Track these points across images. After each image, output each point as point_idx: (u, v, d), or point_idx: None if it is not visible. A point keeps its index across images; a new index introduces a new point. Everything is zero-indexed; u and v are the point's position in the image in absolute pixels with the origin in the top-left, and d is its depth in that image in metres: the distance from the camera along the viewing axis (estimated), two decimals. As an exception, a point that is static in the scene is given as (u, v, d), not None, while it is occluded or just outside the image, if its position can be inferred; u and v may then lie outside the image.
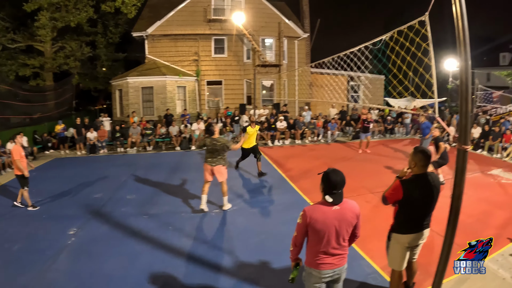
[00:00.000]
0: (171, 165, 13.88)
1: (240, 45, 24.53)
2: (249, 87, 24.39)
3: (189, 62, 24.14)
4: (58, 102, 22.88)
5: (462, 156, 4.02)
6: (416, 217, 4.43)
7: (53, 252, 6.62)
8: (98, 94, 35.48)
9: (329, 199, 3.58)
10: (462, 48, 3.79)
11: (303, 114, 21.20)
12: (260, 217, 8.44)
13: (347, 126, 21.62)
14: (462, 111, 3.95)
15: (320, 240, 3.65)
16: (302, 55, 27.02)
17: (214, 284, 5.55)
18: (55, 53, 25.43)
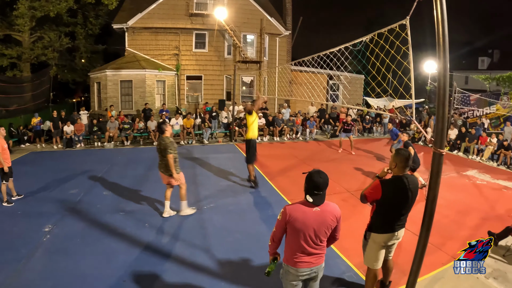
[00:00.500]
0: (149, 160, 13.76)
1: (221, 41, 24.48)
2: (229, 83, 24.32)
3: (169, 56, 23.98)
4: (34, 94, 22.45)
5: (437, 160, 4.11)
6: (392, 217, 4.52)
7: (27, 250, 6.51)
8: (76, 87, 34.99)
9: (309, 199, 3.63)
10: (441, 53, 3.88)
11: (282, 111, 21.28)
12: (237, 216, 8.43)
13: (325, 124, 21.73)
14: (439, 115, 4.03)
15: (298, 239, 3.71)
16: (283, 53, 27.09)
17: (191, 282, 5.58)
18: (33, 43, 24.95)
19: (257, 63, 24.72)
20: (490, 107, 20.05)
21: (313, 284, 4.10)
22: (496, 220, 8.30)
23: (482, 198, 10.02)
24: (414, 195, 4.47)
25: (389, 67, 6.52)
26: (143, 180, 11.04)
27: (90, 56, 30.18)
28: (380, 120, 22.35)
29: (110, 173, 11.83)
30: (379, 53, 6.84)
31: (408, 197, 4.41)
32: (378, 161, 13.69)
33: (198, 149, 16.20)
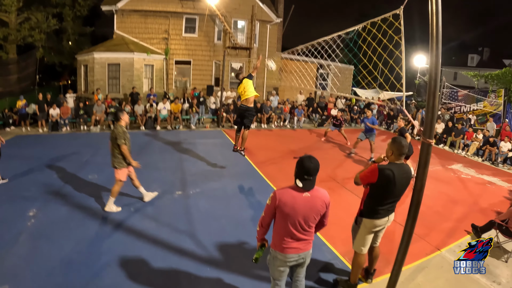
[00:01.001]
0: (135, 145, 13.46)
1: (212, 26, 24.23)
2: (218, 69, 24.21)
3: (158, 40, 23.67)
4: (20, 77, 22.13)
5: (426, 150, 4.13)
6: (385, 202, 4.58)
7: (11, 236, 6.44)
8: (63, 70, 34.50)
9: (299, 183, 3.65)
10: (434, 44, 3.86)
11: (271, 98, 21.25)
12: (222, 201, 8.47)
13: (313, 113, 21.75)
14: (429, 106, 4.04)
15: (286, 224, 3.72)
16: (273, 40, 26.92)
17: (177, 266, 5.63)
18: (20, 25, 24.45)
19: (246, 50, 24.57)
20: (477, 104, 20.21)
21: (300, 270, 4.16)
22: (479, 213, 8.48)
23: (466, 192, 10.16)
24: (406, 183, 4.56)
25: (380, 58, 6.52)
26: (128, 164, 10.92)
27: (77, 38, 29.62)
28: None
29: (96, 157, 11.75)
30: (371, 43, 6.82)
31: (402, 184, 4.48)
32: (364, 151, 13.71)
33: (185, 134, 16.13)
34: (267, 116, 19.53)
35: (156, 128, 17.26)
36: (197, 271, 5.51)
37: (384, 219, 4.71)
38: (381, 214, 4.66)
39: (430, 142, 4.07)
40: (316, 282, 5.36)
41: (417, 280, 5.47)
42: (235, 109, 18.85)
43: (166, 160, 11.69)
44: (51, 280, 5.17)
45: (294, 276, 4.28)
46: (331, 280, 5.40)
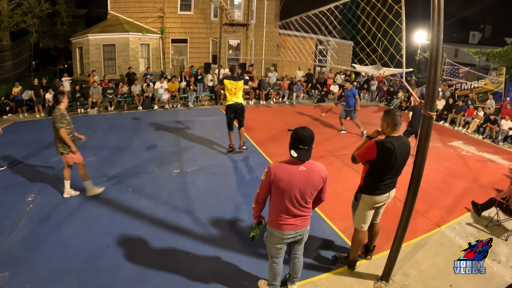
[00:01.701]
0: (132, 125, 13.62)
1: (208, 2, 23.75)
2: (215, 46, 23.87)
3: (153, 18, 23.27)
4: (15, 63, 21.83)
5: (427, 123, 4.03)
6: (385, 178, 4.46)
7: (11, 221, 6.42)
8: (58, 54, 34.22)
9: (294, 153, 3.53)
10: (436, 13, 3.71)
11: (269, 75, 21.02)
12: (221, 178, 8.43)
13: (312, 89, 21.57)
14: (431, 77, 3.91)
15: (283, 200, 3.62)
16: (271, 16, 26.50)
17: (174, 245, 5.61)
18: (12, 11, 24.16)
19: (244, 26, 24.20)
20: (478, 82, 19.98)
21: (298, 247, 4.11)
22: (480, 191, 8.37)
23: (466, 169, 10.07)
24: (406, 156, 4.43)
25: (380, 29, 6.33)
26: (127, 145, 10.90)
27: (71, 21, 29.16)
28: (368, 87, 22.19)
29: (94, 139, 11.63)
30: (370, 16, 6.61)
31: (402, 157, 4.35)
32: (364, 126, 13.54)
33: (183, 113, 16.04)
34: (266, 92, 19.35)
35: (153, 108, 17.14)
36: (195, 249, 5.48)
37: (385, 195, 4.60)
38: (382, 190, 4.55)
39: (431, 115, 3.96)
40: (315, 259, 5.30)
41: (417, 256, 5.42)
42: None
43: (164, 139, 11.60)
44: (50, 263, 5.14)
45: (292, 253, 4.23)
46: (330, 257, 5.35)
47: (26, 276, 4.88)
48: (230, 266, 5.06)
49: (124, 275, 4.90)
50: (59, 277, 4.85)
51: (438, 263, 5.25)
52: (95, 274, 4.91)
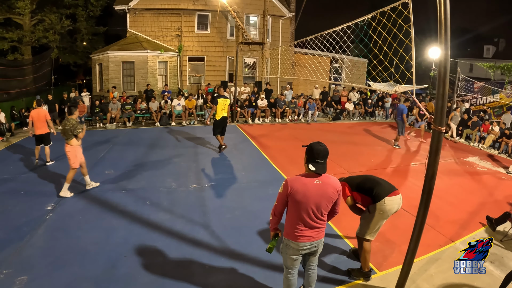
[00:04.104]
0: (150, 140, 13.80)
1: (224, 22, 24.23)
2: (231, 64, 24.19)
3: (171, 37, 23.80)
4: (36, 77, 22.28)
5: (437, 138, 4.07)
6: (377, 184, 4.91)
7: (29, 228, 6.59)
8: (78, 69, 34.90)
9: (312, 167, 3.65)
10: (443, 31, 3.80)
11: (285, 93, 21.17)
12: (236, 193, 8.51)
13: (328, 107, 21.65)
14: (439, 93, 3.97)
15: (299, 212, 3.72)
16: (286, 35, 26.82)
17: (190, 256, 5.65)
18: (34, 26, 24.79)
19: (260, 45, 24.51)
20: (493, 96, 19.86)
21: (313, 258, 4.17)
22: (494, 205, 8.32)
23: (481, 184, 10.00)
24: None
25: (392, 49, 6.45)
26: (145, 159, 11.04)
27: (91, 38, 29.92)
28: (383, 104, 22.22)
29: (112, 152, 11.86)
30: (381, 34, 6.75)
31: None
32: (378, 144, 13.61)
33: (200, 129, 16.20)
34: (281, 110, 19.45)
35: (170, 124, 17.33)
36: (210, 261, 5.54)
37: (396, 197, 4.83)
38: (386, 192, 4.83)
39: (441, 130, 4.01)
40: (329, 271, 5.33)
41: (430, 271, 5.40)
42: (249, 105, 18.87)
43: (181, 154, 11.74)
44: (68, 270, 5.25)
45: (307, 265, 4.29)
46: (344, 269, 5.37)
47: (44, 281, 5.00)
48: (245, 278, 5.11)
49: (140, 284, 4.98)
50: (76, 284, 4.95)
51: (451, 278, 5.23)
52: (112, 282, 5.00)
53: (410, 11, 5.00)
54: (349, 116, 20.63)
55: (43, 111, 10.83)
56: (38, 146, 10.83)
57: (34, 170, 10.19)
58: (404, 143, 14.34)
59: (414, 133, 15.59)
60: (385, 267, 5.43)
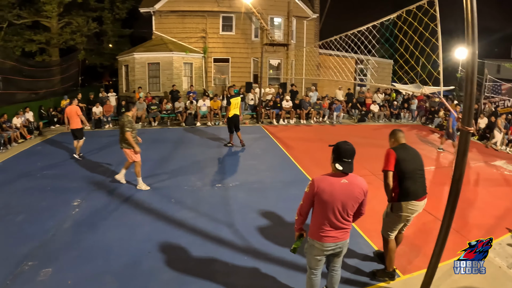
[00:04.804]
0: (175, 140, 13.91)
1: (249, 23, 24.23)
2: (256, 66, 24.20)
3: (196, 38, 23.91)
4: (63, 78, 22.77)
5: (464, 138, 3.98)
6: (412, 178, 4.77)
7: (55, 223, 6.76)
8: (104, 70, 35.43)
9: (339, 166, 3.61)
10: (470, 30, 3.70)
11: (310, 94, 21.05)
12: (260, 193, 8.49)
13: (353, 108, 21.46)
14: (467, 93, 3.88)
15: (325, 212, 3.68)
16: (310, 36, 26.74)
17: (213, 254, 5.67)
18: (61, 29, 25.42)
19: (284, 46, 24.43)
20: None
21: (337, 259, 4.13)
22: None
23: (508, 189, 9.69)
24: (419, 157, 4.95)
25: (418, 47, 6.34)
26: (170, 158, 11.14)
27: (117, 40, 30.50)
28: (408, 106, 21.79)
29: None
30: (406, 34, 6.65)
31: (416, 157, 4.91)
32: None
33: (225, 130, 16.09)
34: (306, 111, 19.35)
35: (196, 125, 17.45)
36: (233, 259, 5.53)
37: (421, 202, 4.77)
38: (416, 195, 4.72)
39: (469, 130, 3.91)
40: (352, 273, 5.26)
41: (454, 276, 5.24)
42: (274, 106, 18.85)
43: (206, 154, 11.81)
44: (92, 264, 5.36)
45: (331, 266, 4.23)
46: (367, 271, 5.29)
47: (68, 273, 5.09)
48: (268, 278, 5.07)
49: (163, 279, 5.01)
50: (99, 277, 5.02)
51: (476, 283, 5.11)
52: (135, 277, 5.05)
53: (436, 9, 4.91)
54: (374, 118, 20.37)
55: (75, 107, 11.22)
56: (75, 141, 11.30)
57: (61, 166, 10.47)
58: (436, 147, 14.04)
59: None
60: (408, 271, 5.33)
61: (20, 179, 9.37)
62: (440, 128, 17.75)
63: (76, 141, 11.27)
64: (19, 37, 24.33)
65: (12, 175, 9.71)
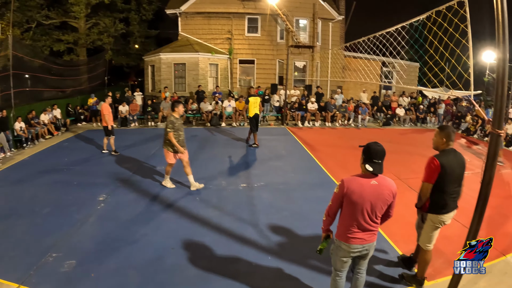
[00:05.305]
0: (201, 140, 13.94)
1: (274, 25, 24.20)
2: (282, 67, 24.12)
3: (222, 40, 24.02)
4: (90, 77, 23.16)
5: (495, 141, 3.86)
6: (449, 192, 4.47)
7: (81, 216, 6.85)
8: (130, 70, 35.88)
9: (369, 168, 3.54)
10: (500, 29, 3.61)
11: (335, 97, 20.83)
12: (285, 194, 8.39)
13: (378, 112, 21.19)
14: (498, 94, 3.76)
15: (354, 213, 3.62)
16: (336, 38, 26.58)
17: (237, 253, 5.64)
18: (89, 29, 25.89)
19: (309, 48, 24.33)
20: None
21: (362, 262, 4.05)
22: None
23: None
24: (463, 168, 4.51)
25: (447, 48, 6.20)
26: (195, 158, 11.08)
27: (143, 41, 30.90)
28: (435, 110, 21.33)
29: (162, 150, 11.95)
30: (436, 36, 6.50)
31: (461, 168, 4.46)
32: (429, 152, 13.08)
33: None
34: (331, 114, 19.18)
35: (221, 125, 17.51)
36: (257, 259, 5.47)
37: (450, 214, 4.55)
38: (447, 209, 4.50)
39: (500, 133, 3.79)
40: (376, 277, 5.13)
41: (479, 284, 5.07)
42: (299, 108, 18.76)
43: (231, 154, 11.81)
44: (115, 258, 5.41)
45: (356, 268, 4.14)
46: (391, 275, 5.18)
47: (92, 266, 5.14)
48: (291, 279, 5.00)
49: (186, 276, 5.00)
50: (122, 271, 5.05)
51: None
52: (158, 272, 5.05)
53: (466, 9, 4.77)
54: (400, 122, 20.05)
55: (101, 106, 11.50)
56: (106, 137, 11.66)
57: (87, 162, 10.64)
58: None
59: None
60: (433, 277, 5.17)
61: (47, 174, 9.54)
62: (467, 133, 17.38)
63: (106, 138, 11.54)
64: (47, 37, 24.85)
65: (40, 169, 9.90)
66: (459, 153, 4.54)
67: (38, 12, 23.20)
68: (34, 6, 22.82)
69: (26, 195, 8.00)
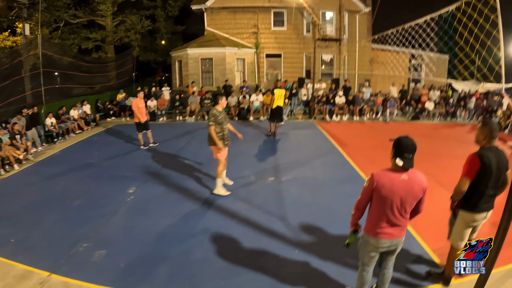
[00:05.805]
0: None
1: (300, 18, 24.01)
2: (309, 61, 23.94)
3: (248, 34, 23.98)
4: (119, 73, 23.54)
5: None
6: (485, 192, 4.30)
7: (111, 208, 6.99)
8: (157, 66, 36.26)
9: (399, 162, 3.47)
10: None
11: (363, 90, 20.51)
12: (313, 189, 8.32)
13: (406, 105, 20.76)
14: None
15: (383, 208, 3.57)
16: (363, 30, 26.20)
17: (265, 246, 5.65)
18: (116, 27, 26.30)
19: (336, 41, 24.06)
20: None
21: (390, 257, 4.00)
22: None
23: None
24: (505, 168, 4.26)
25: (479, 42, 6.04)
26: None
27: (170, 37, 31.21)
28: (465, 104, 20.50)
29: (191, 144, 12.19)
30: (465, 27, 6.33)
31: (502, 168, 4.21)
32: (459, 148, 12.71)
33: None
34: (359, 108, 18.95)
35: (248, 119, 17.49)
36: (284, 252, 5.46)
37: (483, 214, 4.40)
38: (480, 207, 4.34)
39: None
40: (403, 274, 5.03)
41: (506, 285, 4.90)
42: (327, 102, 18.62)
43: (259, 149, 11.82)
44: (144, 249, 5.50)
45: (383, 264, 4.09)
46: (418, 272, 5.08)
47: (121, 256, 5.24)
48: (318, 272, 4.97)
49: (214, 268, 5.03)
50: (151, 262, 5.13)
51: None
52: (186, 264, 5.10)
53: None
54: (429, 116, 19.58)
55: (138, 101, 11.58)
56: (140, 133, 11.84)
57: (117, 156, 10.81)
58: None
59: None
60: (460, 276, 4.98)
61: (78, 167, 9.74)
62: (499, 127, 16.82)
63: (140, 134, 11.75)
64: (75, 35, 25.29)
65: (71, 163, 10.13)
66: (502, 152, 4.31)
67: (65, 12, 23.61)
68: (61, 6, 23.23)
69: (57, 188, 8.21)
